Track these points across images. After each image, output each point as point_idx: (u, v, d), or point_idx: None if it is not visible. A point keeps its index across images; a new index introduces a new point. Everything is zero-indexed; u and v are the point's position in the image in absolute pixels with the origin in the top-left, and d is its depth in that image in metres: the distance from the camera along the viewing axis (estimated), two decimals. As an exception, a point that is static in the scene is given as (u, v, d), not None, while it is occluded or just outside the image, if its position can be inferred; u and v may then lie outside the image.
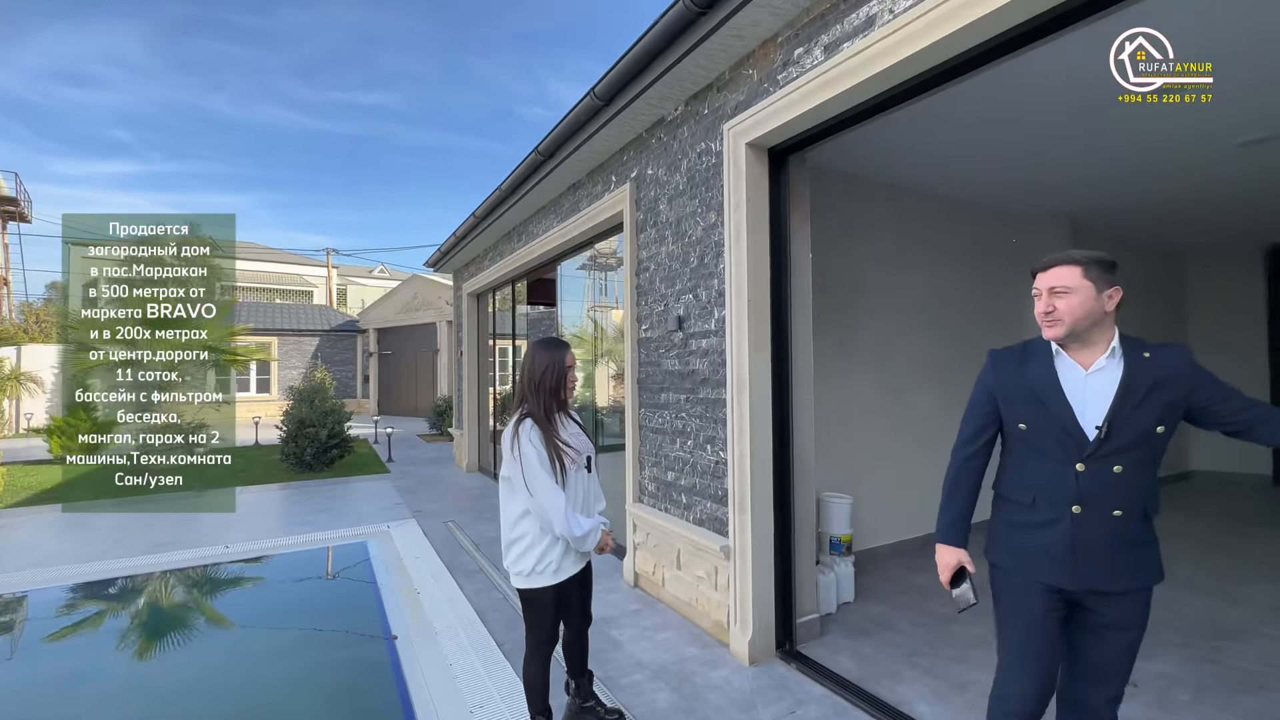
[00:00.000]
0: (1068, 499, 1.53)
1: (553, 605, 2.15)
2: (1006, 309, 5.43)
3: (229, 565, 4.63)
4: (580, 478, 2.19)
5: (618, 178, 4.19)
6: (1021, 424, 1.61)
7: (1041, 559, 1.57)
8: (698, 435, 3.31)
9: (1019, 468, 1.65)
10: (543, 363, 2.17)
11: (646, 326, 3.82)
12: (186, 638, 3.44)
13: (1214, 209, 5.42)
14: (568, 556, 2.14)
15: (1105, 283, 1.52)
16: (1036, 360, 1.61)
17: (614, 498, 4.49)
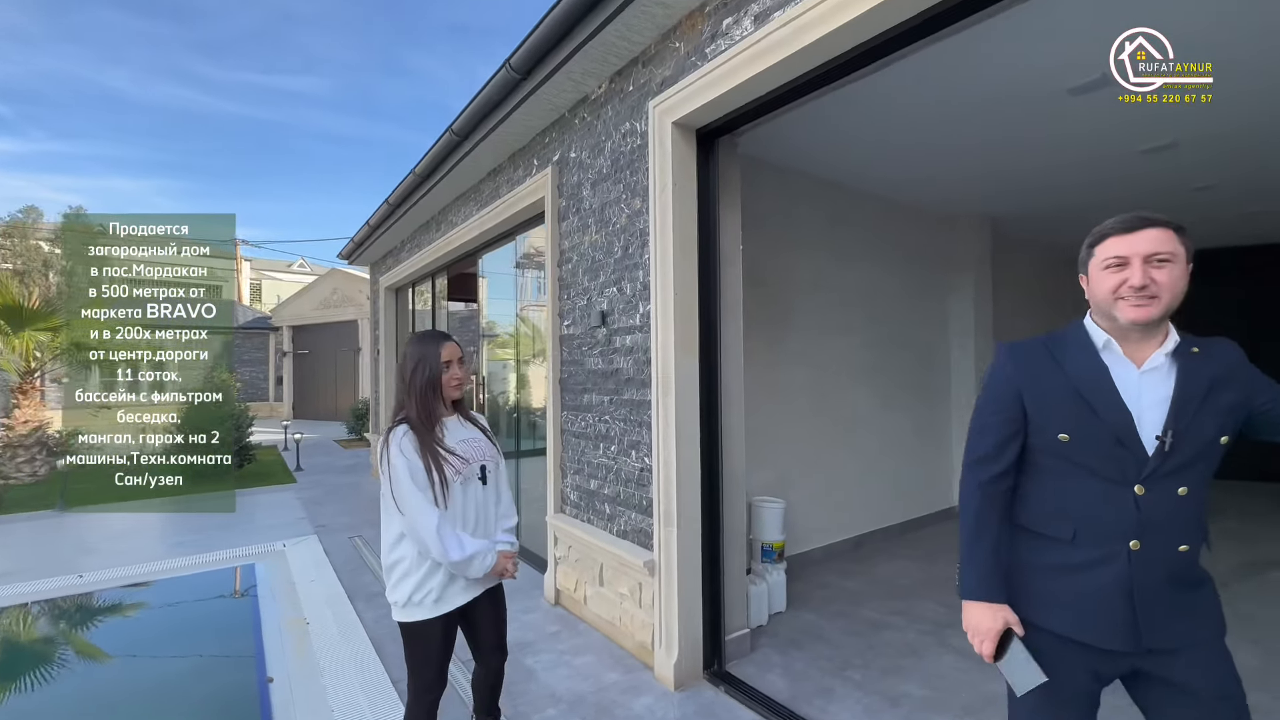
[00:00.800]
0: (1124, 531, 1.19)
1: (438, 642, 1.82)
2: (935, 310, 5.50)
3: (80, 597, 3.96)
4: (472, 491, 1.87)
5: (539, 161, 3.87)
6: (1063, 434, 1.24)
7: (1085, 612, 1.21)
8: (622, 440, 3.05)
9: (1054, 492, 1.27)
10: (413, 359, 1.85)
11: (569, 322, 3.52)
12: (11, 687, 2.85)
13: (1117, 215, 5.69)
14: (453, 584, 1.82)
15: (1189, 254, 1.21)
16: (1077, 353, 1.26)
17: (537, 507, 4.18)
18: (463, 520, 1.83)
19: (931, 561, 4.32)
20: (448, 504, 1.77)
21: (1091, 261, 1.27)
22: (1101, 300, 1.24)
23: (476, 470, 1.89)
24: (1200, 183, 4.57)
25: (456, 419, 1.94)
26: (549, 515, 3.63)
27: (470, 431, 1.95)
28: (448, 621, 1.83)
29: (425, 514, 1.72)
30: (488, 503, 1.93)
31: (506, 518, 2.00)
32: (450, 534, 1.75)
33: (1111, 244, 1.23)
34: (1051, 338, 1.32)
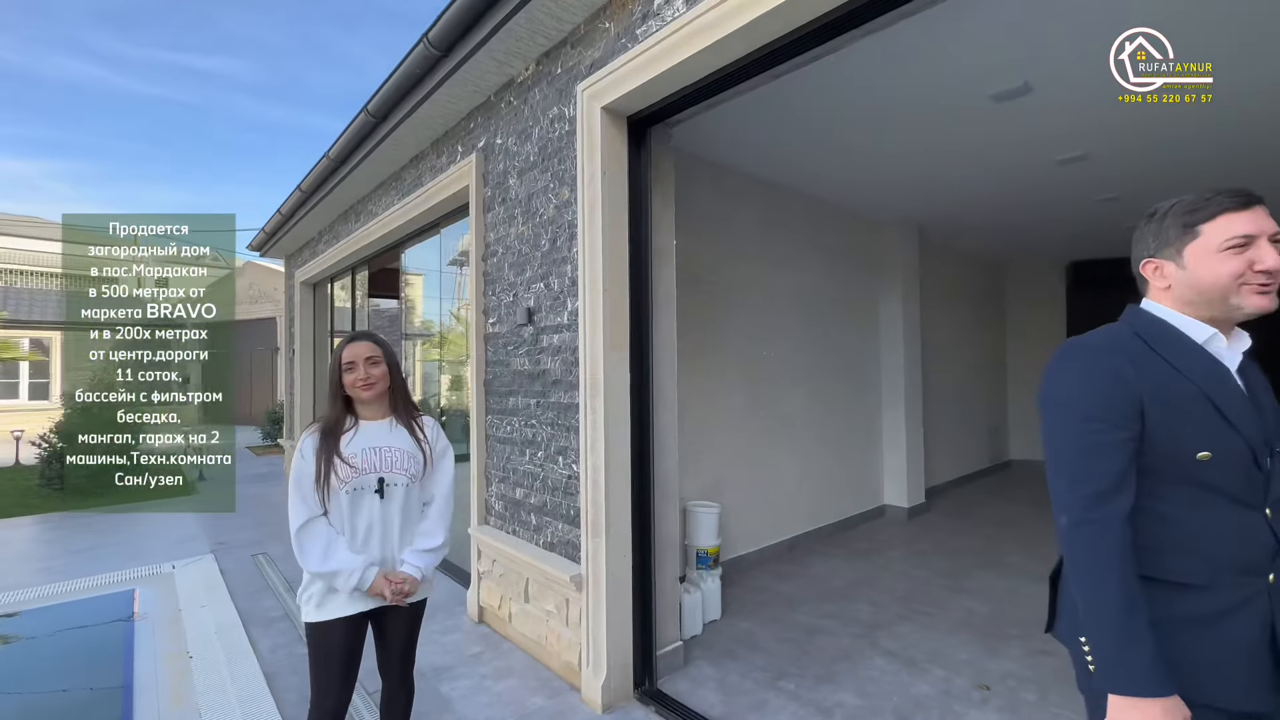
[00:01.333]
0: (1263, 565, 0.99)
1: (331, 649, 1.67)
2: (866, 313, 5.61)
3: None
4: (364, 504, 1.71)
5: (463, 148, 3.62)
6: (1203, 453, 0.99)
7: (1227, 670, 0.98)
8: (549, 445, 2.86)
9: (1183, 526, 1.01)
10: (331, 361, 1.76)
11: (494, 320, 3.29)
12: None
13: (1030, 225, 6.00)
14: (334, 592, 1.68)
15: None
16: (1180, 351, 1.03)
17: (461, 518, 3.91)
18: (350, 533, 1.70)
19: (863, 559, 4.36)
20: (328, 511, 1.69)
21: (1195, 243, 1.03)
22: (1212, 287, 1.02)
23: (370, 482, 1.71)
24: (1105, 194, 4.85)
25: (388, 423, 1.80)
26: (472, 527, 3.38)
27: (392, 439, 1.77)
28: (346, 630, 1.68)
29: (294, 515, 1.66)
30: (388, 518, 1.75)
31: (425, 537, 1.80)
32: (315, 541, 1.65)
33: (1229, 221, 1.01)
34: (1136, 330, 1.07)
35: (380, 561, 1.72)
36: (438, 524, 1.83)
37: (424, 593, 1.83)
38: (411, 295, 5.79)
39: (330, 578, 1.65)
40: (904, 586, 3.83)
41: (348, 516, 1.70)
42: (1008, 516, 5.59)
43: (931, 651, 2.95)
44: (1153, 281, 1.11)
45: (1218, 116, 3.38)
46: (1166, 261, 1.08)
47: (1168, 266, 1.08)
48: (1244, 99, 3.17)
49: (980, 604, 3.54)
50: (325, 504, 1.68)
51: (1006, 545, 4.69)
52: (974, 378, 7.50)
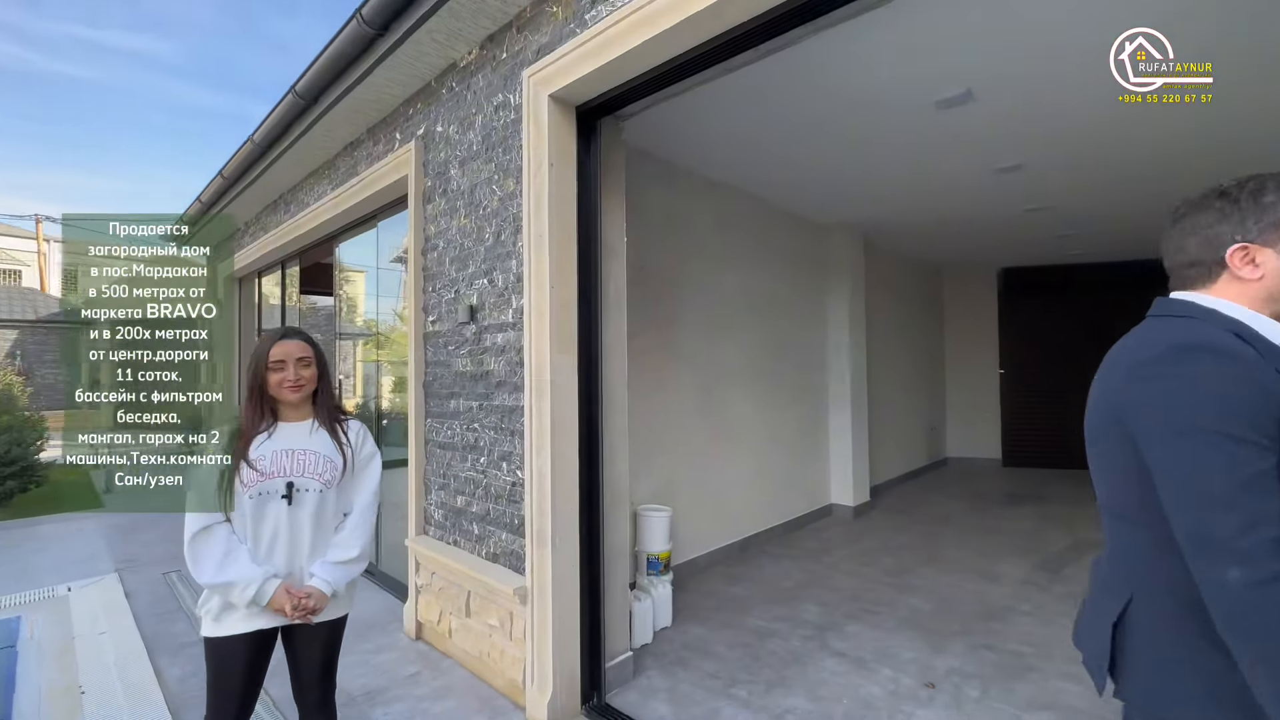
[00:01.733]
0: None
1: (230, 666, 1.55)
2: (814, 313, 5.68)
3: None
4: (271, 510, 1.57)
5: (402, 136, 3.41)
6: None
7: None
8: (492, 450, 2.71)
9: None
10: (254, 356, 1.63)
11: (434, 318, 3.11)
12: None
13: (966, 232, 6.24)
14: (233, 607, 1.55)
15: None
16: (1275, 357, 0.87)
17: (398, 528, 3.69)
18: (253, 541, 1.56)
19: (813, 559, 4.39)
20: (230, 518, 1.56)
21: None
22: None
23: (277, 487, 1.57)
24: (1036, 204, 5.08)
25: (309, 425, 1.66)
26: (410, 537, 3.18)
27: (310, 443, 1.64)
28: (246, 647, 1.56)
29: (188, 523, 1.53)
30: (297, 526, 1.60)
31: (339, 548, 1.65)
32: (212, 550, 1.51)
33: None
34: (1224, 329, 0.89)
35: (286, 574, 1.58)
36: (354, 535, 1.68)
37: (340, 609, 1.69)
38: (352, 293, 5.48)
39: (225, 590, 1.50)
40: (852, 585, 3.87)
41: (250, 524, 1.56)
42: (946, 513, 5.79)
43: (879, 651, 2.97)
44: (1238, 271, 0.93)
45: (1150, 135, 3.56)
46: (1266, 248, 0.91)
47: (1267, 254, 0.91)
48: (1170, 116, 3.35)
49: (924, 601, 3.61)
50: (227, 510, 1.54)
51: (946, 541, 4.84)
52: (914, 378, 7.76)
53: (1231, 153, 3.87)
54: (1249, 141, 3.67)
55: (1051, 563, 4.31)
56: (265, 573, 1.53)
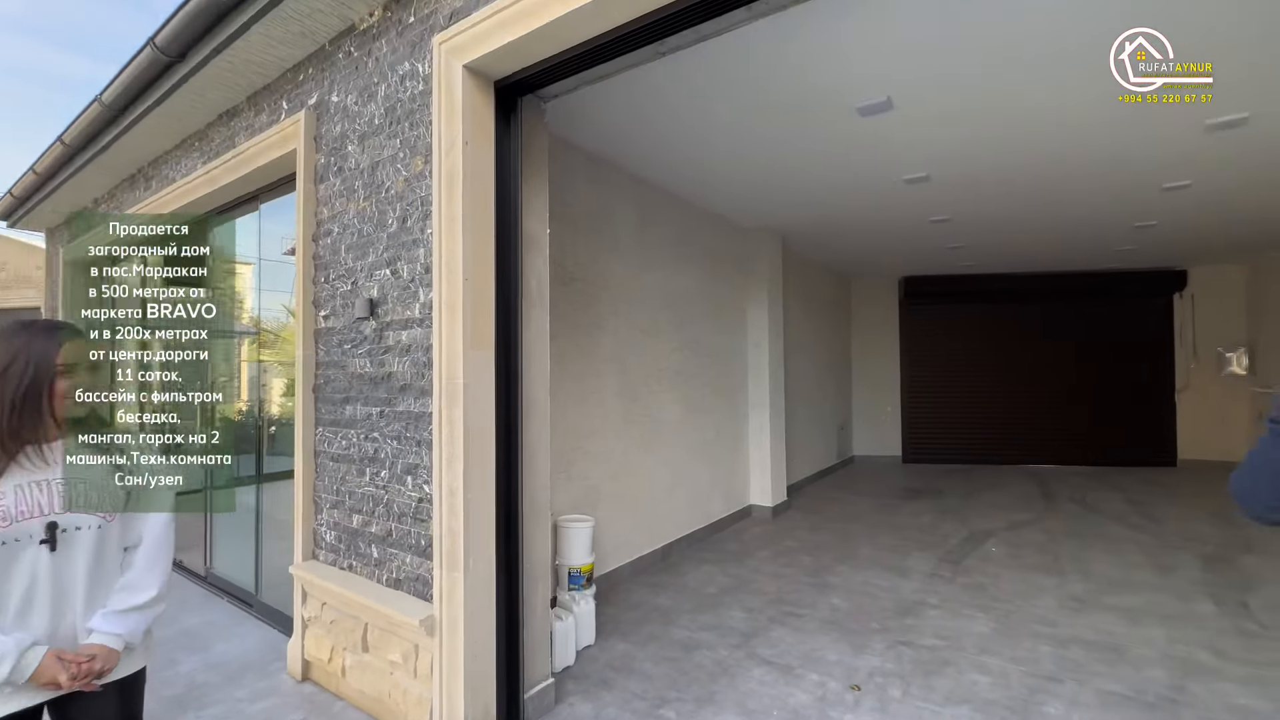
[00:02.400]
0: None
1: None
2: (735, 317, 5.71)
3: None
4: (25, 560, 1.21)
5: (290, 105, 3.00)
6: None
7: None
8: (395, 463, 2.41)
9: None
10: (6, 357, 1.20)
11: (326, 313, 2.74)
12: None
13: (875, 240, 6.54)
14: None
15: None
16: None
17: (281, 552, 3.25)
18: (23, 600, 1.20)
19: (736, 563, 4.36)
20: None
21: None
22: None
23: (33, 531, 1.21)
24: (937, 216, 5.39)
25: (60, 448, 1.28)
26: (295, 564, 2.78)
27: (57, 471, 1.26)
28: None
29: None
30: (64, 577, 1.25)
31: (127, 592, 1.31)
32: None
33: None
34: None
35: (50, 637, 1.22)
36: (147, 572, 1.34)
37: (136, 662, 1.35)
38: (236, 285, 4.82)
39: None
40: (775, 588, 3.86)
41: (4, 577, 1.19)
42: (857, 511, 6.01)
43: (805, 655, 2.95)
44: None
45: (1046, 148, 3.81)
46: None
47: None
48: (1069, 134, 3.61)
49: (843, 600, 3.66)
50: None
51: (859, 538, 4.99)
52: (826, 379, 8.06)
53: (1119, 176, 4.28)
54: (1141, 160, 4.05)
55: (953, 554, 4.55)
56: (19, 642, 1.16)
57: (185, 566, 4.25)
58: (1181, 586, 3.82)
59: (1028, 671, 2.77)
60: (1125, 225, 5.77)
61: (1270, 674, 2.73)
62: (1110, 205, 5.05)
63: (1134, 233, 6.08)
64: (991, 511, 5.87)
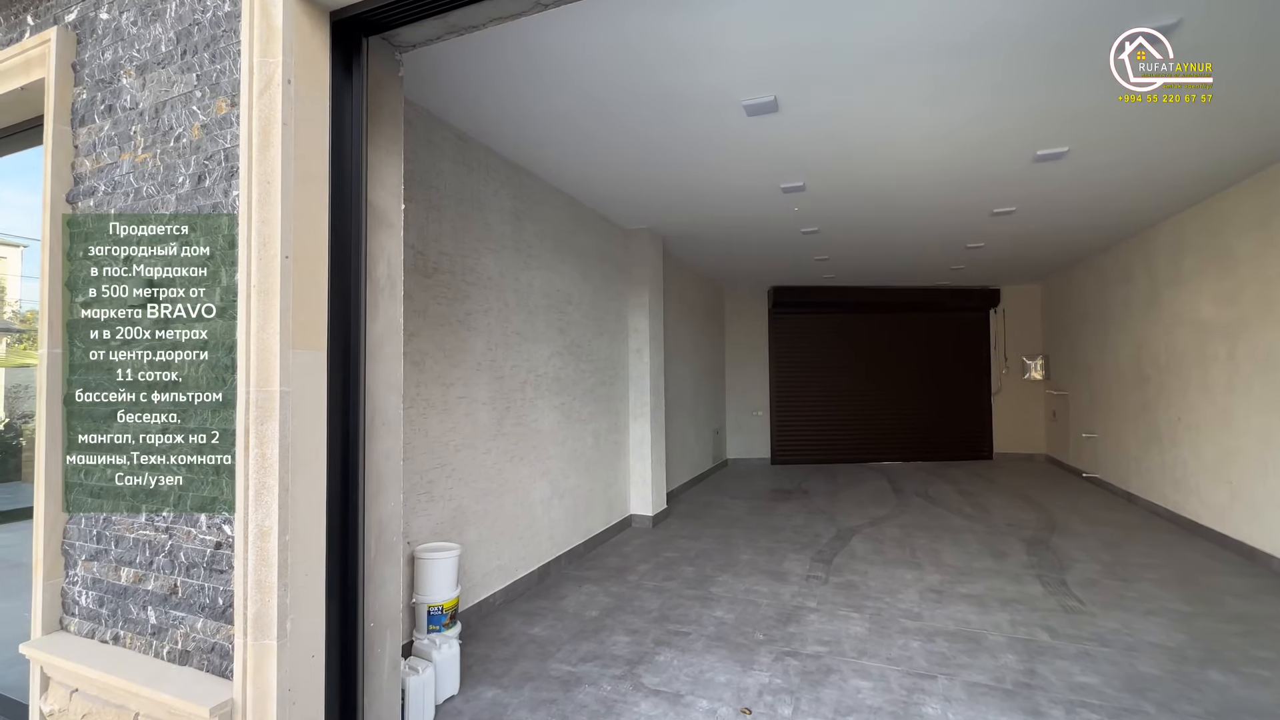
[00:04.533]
0: None
1: None
2: (615, 321, 5.49)
3: None
4: None
5: (38, 20, 2.25)
6: None
7: None
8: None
9: None
10: None
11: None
12: None
13: (749, 248, 6.72)
14: None
15: None
16: None
17: (14, 619, 2.45)
18: None
19: (616, 579, 4.11)
20: None
21: None
22: None
23: None
24: (809, 227, 5.61)
25: None
26: (30, 642, 2.04)
27: None
28: None
29: None
30: None
31: None
32: None
33: None
34: None
35: None
36: None
37: None
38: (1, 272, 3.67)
39: None
40: (658, 605, 3.67)
41: None
42: (734, 515, 6.07)
43: (694, 679, 2.76)
44: None
45: (906, 164, 4.04)
46: None
47: None
48: (938, 147, 3.83)
49: (727, 611, 3.56)
50: None
51: (738, 544, 4.99)
52: (702, 385, 8.16)
53: (962, 197, 4.67)
54: (979, 183, 4.43)
55: (825, 554, 4.69)
56: None
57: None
58: (1014, 570, 4.23)
59: (904, 671, 2.82)
60: (959, 245, 6.46)
61: (1095, 649, 3.03)
62: (950, 225, 5.58)
63: (966, 253, 6.83)
64: (854, 509, 6.23)
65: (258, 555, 1.63)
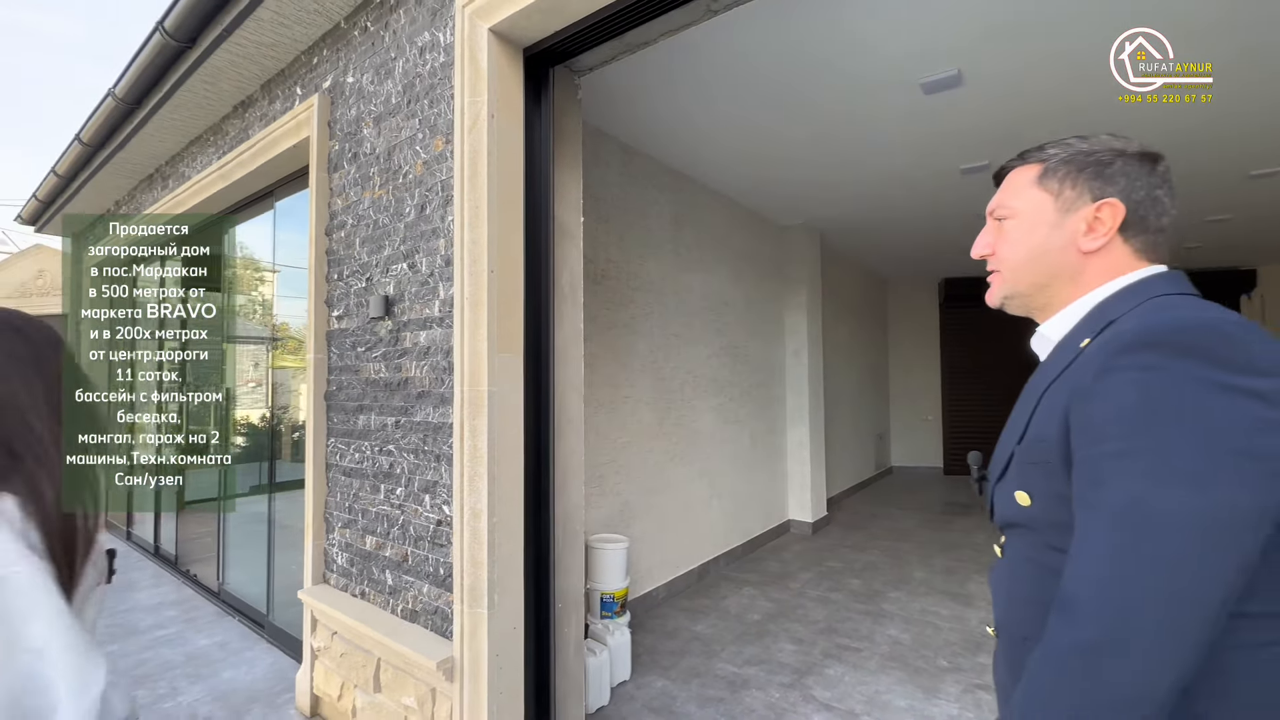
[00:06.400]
0: None
1: None
2: (772, 321, 5.38)
3: None
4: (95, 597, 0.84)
5: (304, 90, 2.79)
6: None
7: None
8: (411, 479, 2.15)
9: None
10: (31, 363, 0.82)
11: (340, 313, 2.51)
12: None
13: (917, 239, 6.17)
14: None
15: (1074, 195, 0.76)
16: None
17: (294, 573, 3.04)
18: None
19: (777, 585, 4.02)
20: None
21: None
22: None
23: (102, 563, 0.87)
24: (992, 211, 4.99)
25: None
26: (305, 589, 2.54)
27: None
28: None
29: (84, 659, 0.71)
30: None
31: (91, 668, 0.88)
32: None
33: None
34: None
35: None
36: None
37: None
38: (249, 289, 4.69)
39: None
40: (824, 615, 3.52)
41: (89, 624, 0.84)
42: (903, 527, 5.61)
43: (868, 699, 2.60)
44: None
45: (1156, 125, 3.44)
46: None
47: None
48: (1172, 117, 3.24)
49: (902, 631, 3.30)
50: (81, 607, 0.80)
51: (910, 559, 4.61)
52: (863, 387, 7.67)
53: (1206, 158, 3.87)
54: (1239, 138, 3.65)
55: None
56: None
57: (199, 581, 4.07)
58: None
59: None
60: (1197, 218, 5.31)
61: None
62: (1184, 194, 4.61)
63: (1205, 228, 5.60)
64: (1052, 530, 5.41)
65: (471, 533, 1.86)
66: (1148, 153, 0.75)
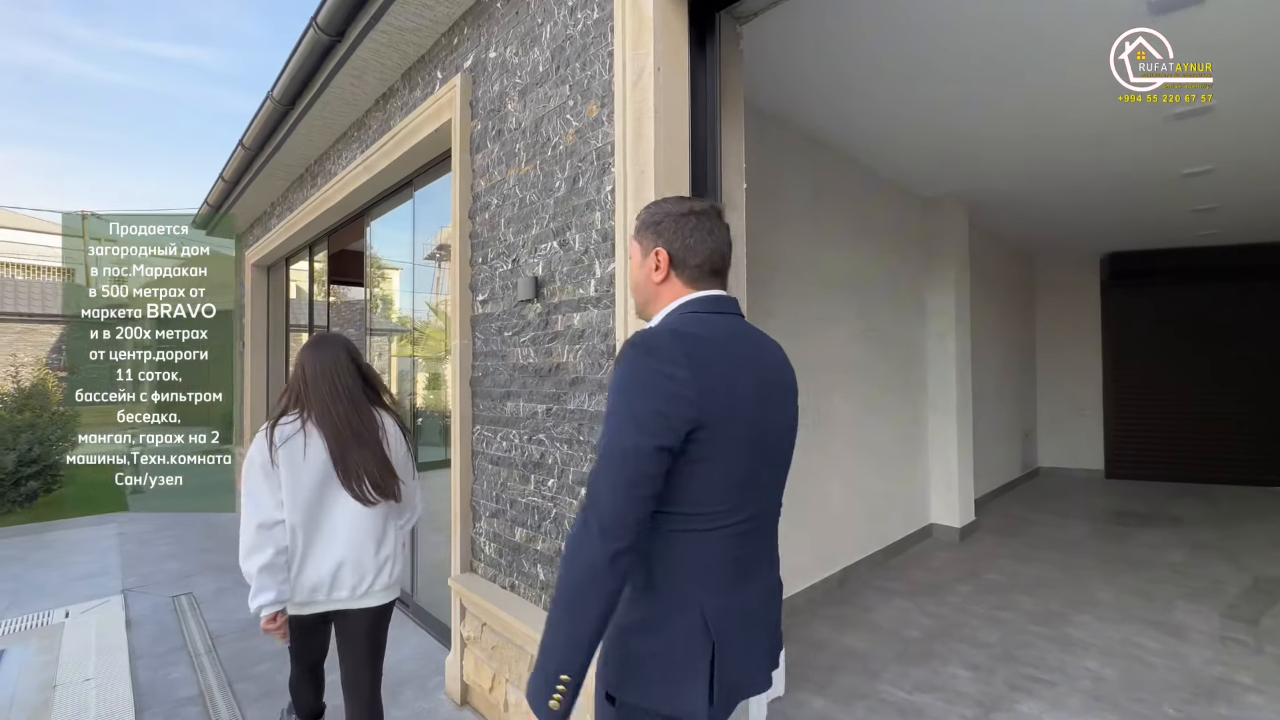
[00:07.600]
0: None
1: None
2: (913, 302, 4.87)
3: None
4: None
5: (444, 72, 2.76)
6: None
7: None
8: (564, 471, 2.03)
9: None
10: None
11: (484, 297, 2.44)
12: None
13: (1075, 208, 5.31)
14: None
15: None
16: None
17: (440, 557, 3.08)
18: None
19: (930, 597, 3.60)
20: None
21: None
22: None
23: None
24: (1196, 167, 4.16)
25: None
26: (453, 575, 2.53)
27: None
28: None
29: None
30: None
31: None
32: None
33: None
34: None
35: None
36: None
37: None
38: (386, 288, 4.93)
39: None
40: (997, 638, 3.07)
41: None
42: (1068, 538, 4.90)
43: (1081, 748, 2.18)
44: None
45: None
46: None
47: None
48: None
49: (1102, 665, 2.79)
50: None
51: (1088, 575, 3.98)
52: (1008, 378, 6.84)
53: None
54: None
55: (1241, 609, 3.42)
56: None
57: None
58: None
59: None
60: None
61: None
62: None
63: None
64: (1271, 550, 4.49)
65: (637, 534, 1.69)
66: (691, 211, 1.08)
